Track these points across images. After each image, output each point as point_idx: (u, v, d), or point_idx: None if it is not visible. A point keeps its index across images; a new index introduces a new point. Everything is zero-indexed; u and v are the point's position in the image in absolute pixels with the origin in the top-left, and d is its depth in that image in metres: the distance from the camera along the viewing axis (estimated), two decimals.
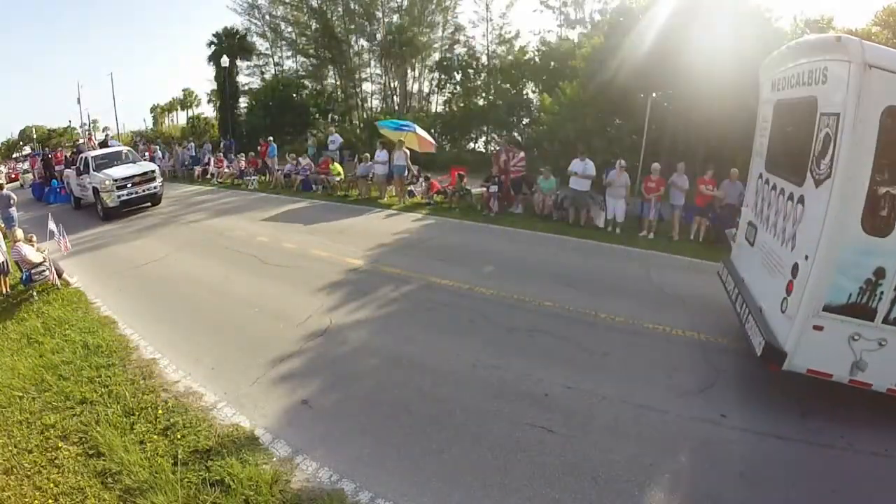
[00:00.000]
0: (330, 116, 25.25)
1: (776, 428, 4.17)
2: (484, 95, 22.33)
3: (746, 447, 3.95)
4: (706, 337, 5.67)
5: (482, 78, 22.68)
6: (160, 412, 4.53)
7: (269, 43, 27.92)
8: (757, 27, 11.66)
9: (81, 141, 20.71)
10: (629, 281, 7.54)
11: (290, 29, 27.12)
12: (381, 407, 4.53)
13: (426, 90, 25.19)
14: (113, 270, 8.73)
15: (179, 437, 4.19)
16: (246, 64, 28.18)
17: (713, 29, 11.29)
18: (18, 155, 37.30)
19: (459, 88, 23.16)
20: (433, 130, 18.74)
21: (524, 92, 21.05)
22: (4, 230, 10.47)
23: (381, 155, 13.56)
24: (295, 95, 25.08)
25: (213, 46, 27.33)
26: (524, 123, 20.42)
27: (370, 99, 26.60)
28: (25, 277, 7.69)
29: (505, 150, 12.48)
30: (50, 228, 8.31)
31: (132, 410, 4.60)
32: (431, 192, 13.29)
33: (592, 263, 8.42)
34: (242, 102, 28.24)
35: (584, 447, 3.95)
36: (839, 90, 3.68)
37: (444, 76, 23.88)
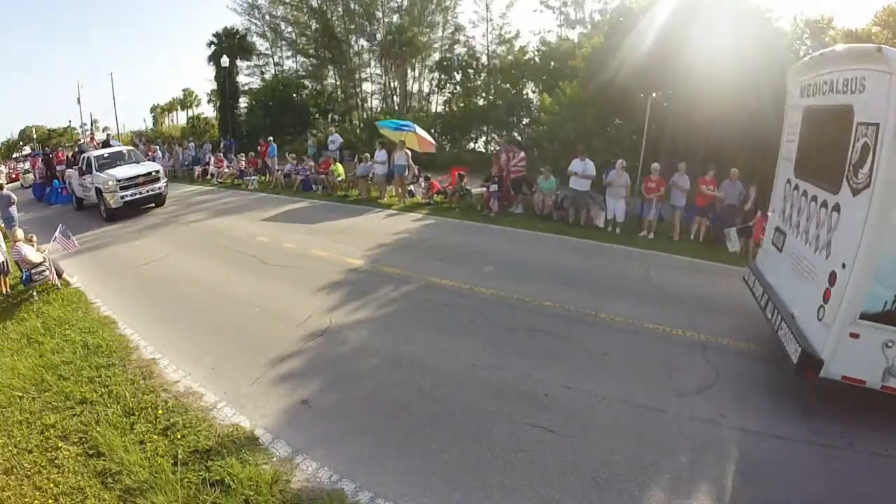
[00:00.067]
0: (330, 116, 25.25)
1: (776, 428, 4.17)
2: (484, 95, 22.31)
3: (746, 447, 3.96)
4: (706, 337, 5.67)
5: (482, 78, 22.66)
6: (160, 412, 4.53)
7: (269, 43, 27.97)
8: (757, 27, 11.66)
9: (83, 140, 20.65)
10: (629, 281, 7.55)
11: (290, 29, 27.16)
12: (381, 407, 4.53)
13: (426, 90, 25.23)
14: (113, 270, 8.74)
15: (179, 437, 4.19)
16: (246, 64, 28.21)
17: (713, 29, 11.28)
18: (18, 155, 37.25)
19: (459, 88, 23.15)
20: (433, 130, 18.73)
21: (524, 92, 21.02)
22: (4, 230, 10.47)
23: (380, 155, 13.56)
24: (295, 95, 25.08)
25: (213, 46, 27.34)
26: (524, 123, 20.39)
27: (370, 99, 26.65)
28: (25, 277, 7.69)
29: (505, 150, 12.47)
30: (55, 235, 8.27)
31: (132, 410, 4.60)
32: (432, 191, 13.30)
33: (592, 263, 8.42)
34: (242, 102, 28.24)
35: (584, 447, 3.95)
36: (878, 101, 3.71)
37: (444, 76, 23.87)
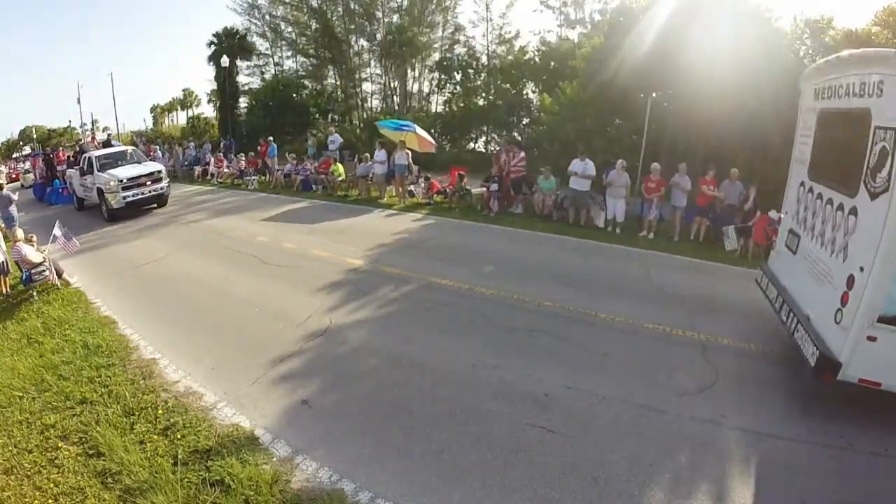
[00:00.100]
0: (330, 116, 25.26)
1: (776, 428, 4.17)
2: (484, 95, 22.31)
3: (746, 447, 3.95)
4: (706, 337, 5.67)
5: (482, 78, 22.66)
6: (160, 412, 4.53)
7: (269, 43, 27.97)
8: (757, 27, 11.65)
9: (84, 140, 20.60)
10: (629, 281, 7.55)
11: (290, 29, 27.16)
12: (381, 407, 4.53)
13: (426, 90, 25.22)
14: (113, 270, 8.74)
15: (179, 437, 4.19)
16: (246, 64, 28.22)
17: (713, 29, 11.28)
18: (18, 155, 37.21)
19: (459, 88, 23.14)
20: (433, 130, 18.73)
21: (524, 92, 21.01)
22: (4, 230, 10.46)
23: (379, 155, 13.55)
24: (295, 95, 25.09)
25: (213, 46, 27.34)
26: (524, 123, 20.38)
27: (370, 99, 26.66)
28: (25, 277, 7.69)
29: (505, 150, 12.48)
30: (54, 234, 8.24)
31: (132, 410, 4.60)
32: (432, 191, 13.30)
33: (592, 263, 8.42)
34: (242, 102, 28.25)
35: (584, 447, 3.95)
36: None
37: (444, 76, 23.86)
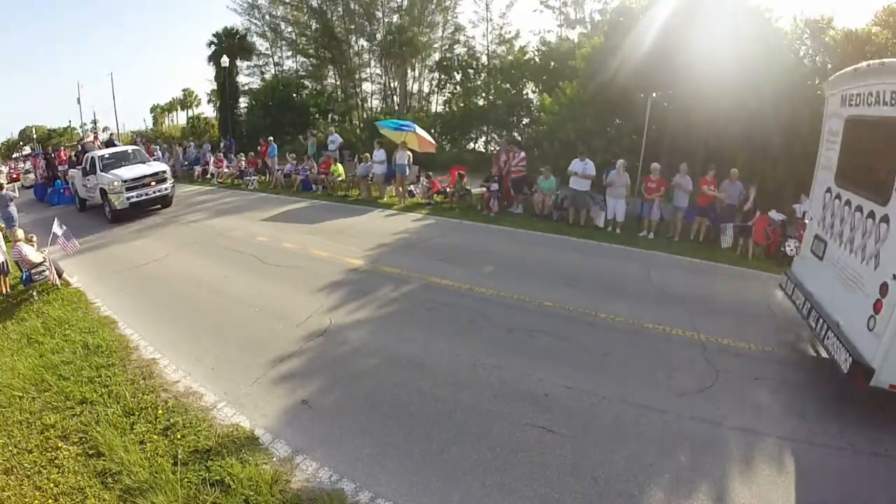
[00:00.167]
0: (330, 116, 25.26)
1: (776, 428, 4.18)
2: (484, 95, 22.29)
3: (746, 447, 3.96)
4: (706, 337, 5.67)
5: (482, 78, 22.66)
6: (160, 412, 4.53)
7: (269, 43, 27.95)
8: (757, 27, 11.64)
9: (87, 140, 20.53)
10: (629, 281, 7.55)
11: (290, 29, 27.15)
12: (381, 407, 4.53)
13: (426, 90, 25.22)
14: (113, 270, 8.74)
15: (179, 437, 4.19)
16: (246, 64, 28.19)
17: (713, 29, 11.27)
18: (18, 155, 37.19)
19: (459, 88, 23.14)
20: (433, 130, 18.72)
21: (524, 92, 20.99)
22: (4, 230, 10.46)
23: (378, 154, 13.56)
24: (295, 95, 25.06)
25: (213, 46, 27.30)
26: (524, 123, 20.37)
27: (370, 99, 26.65)
28: (25, 277, 7.69)
29: (505, 150, 12.49)
30: (53, 232, 8.22)
31: (132, 410, 4.60)
32: (433, 190, 13.30)
33: (592, 263, 8.43)
34: (242, 102, 28.21)
35: (584, 447, 3.95)
36: None
37: (444, 76, 23.87)
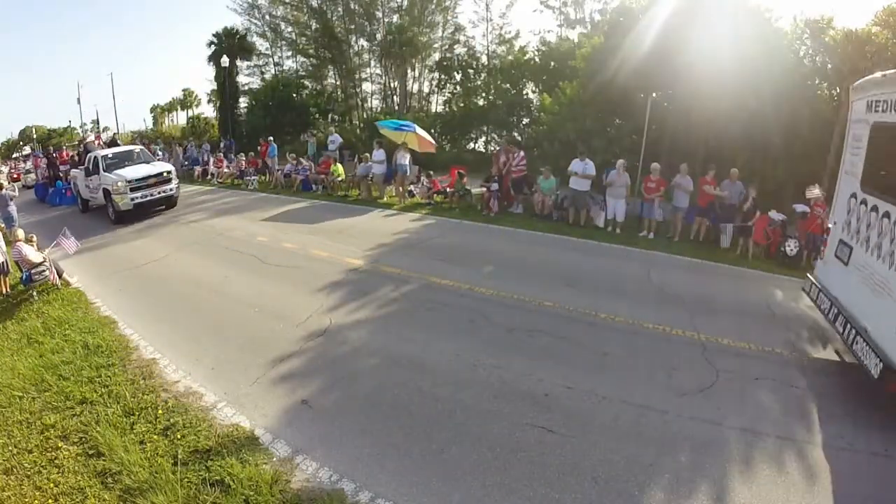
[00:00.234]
0: (330, 116, 25.26)
1: (776, 428, 4.18)
2: (484, 95, 22.30)
3: (746, 447, 3.96)
4: (706, 337, 5.67)
5: (482, 78, 22.66)
6: (160, 412, 4.53)
7: (269, 43, 27.96)
8: (757, 27, 11.65)
9: (89, 139, 20.47)
10: (629, 281, 7.55)
11: (290, 29, 27.16)
12: (381, 407, 4.53)
13: (426, 90, 25.22)
14: (113, 270, 8.74)
15: (179, 437, 4.19)
16: (246, 64, 28.19)
17: (713, 29, 11.28)
18: (18, 155, 37.17)
19: (459, 88, 23.15)
20: (433, 130, 18.72)
21: (524, 92, 21.00)
22: (4, 230, 10.46)
23: (378, 154, 13.56)
24: (295, 95, 25.07)
25: (213, 46, 27.31)
26: (524, 123, 20.38)
27: (370, 99, 26.66)
28: (25, 277, 7.69)
29: (505, 150, 12.48)
30: (60, 237, 8.22)
31: (132, 410, 4.60)
32: (433, 190, 13.30)
33: (592, 263, 8.43)
34: (242, 102, 28.22)
35: (584, 447, 3.95)
36: None
37: (444, 76, 23.87)
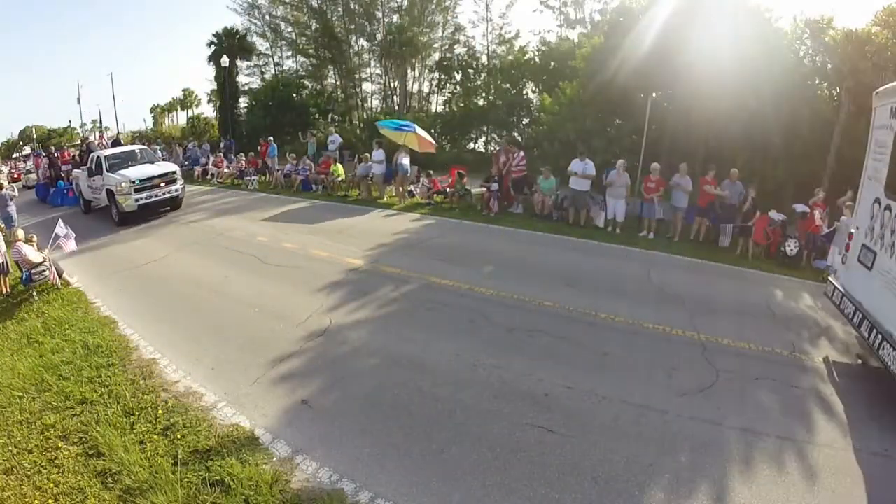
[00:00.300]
0: (330, 116, 25.26)
1: (776, 428, 4.18)
2: (484, 95, 22.30)
3: (746, 447, 3.96)
4: (706, 337, 5.67)
5: (482, 78, 22.67)
6: (160, 412, 4.53)
7: (269, 43, 27.96)
8: (757, 27, 11.66)
9: (92, 139, 20.39)
10: (629, 281, 7.55)
11: (290, 29, 27.16)
12: (381, 407, 4.53)
13: (426, 90, 25.22)
14: (113, 270, 8.73)
15: (179, 437, 4.19)
16: (246, 64, 28.19)
17: (713, 29, 11.29)
18: (18, 155, 37.17)
19: (459, 88, 23.15)
20: (433, 130, 18.71)
21: (524, 92, 21.01)
22: (4, 230, 10.46)
23: (377, 154, 13.56)
24: (295, 95, 25.07)
25: (213, 46, 27.30)
26: (524, 123, 20.39)
27: (370, 99, 26.66)
28: (25, 277, 7.69)
29: (505, 150, 12.49)
30: (55, 233, 8.19)
31: (132, 410, 4.60)
32: (433, 190, 13.30)
33: (592, 263, 8.43)
34: (242, 102, 28.21)
35: (584, 447, 3.95)
36: None
37: (444, 76, 23.87)
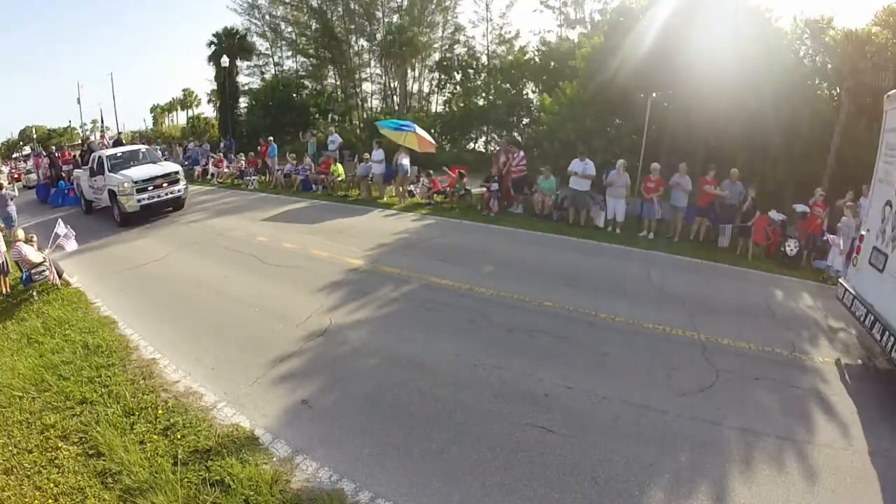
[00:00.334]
0: (330, 116, 25.25)
1: (776, 428, 4.18)
2: (484, 95, 22.29)
3: (746, 447, 3.96)
4: (706, 337, 5.68)
5: (482, 78, 22.66)
6: (160, 412, 4.53)
7: (269, 43, 27.93)
8: (757, 27, 11.66)
9: (93, 139, 20.29)
10: (629, 281, 7.55)
11: (290, 29, 27.14)
12: (381, 407, 4.53)
13: (426, 90, 25.20)
14: (113, 270, 8.73)
15: (179, 437, 4.19)
16: (246, 64, 28.14)
17: (713, 29, 11.29)
18: (18, 155, 37.15)
19: (459, 88, 23.14)
20: (433, 130, 18.70)
21: (524, 92, 21.00)
22: (4, 230, 10.45)
23: (377, 154, 13.55)
24: (295, 95, 25.04)
25: (213, 46, 27.26)
26: (524, 123, 20.39)
27: (370, 99, 26.64)
28: (25, 277, 7.68)
29: (504, 150, 12.49)
30: (55, 232, 8.19)
31: (132, 410, 4.60)
32: (433, 190, 13.30)
33: (592, 263, 8.43)
34: (242, 102, 28.17)
35: (584, 447, 3.96)
36: None
37: (444, 76, 23.86)
